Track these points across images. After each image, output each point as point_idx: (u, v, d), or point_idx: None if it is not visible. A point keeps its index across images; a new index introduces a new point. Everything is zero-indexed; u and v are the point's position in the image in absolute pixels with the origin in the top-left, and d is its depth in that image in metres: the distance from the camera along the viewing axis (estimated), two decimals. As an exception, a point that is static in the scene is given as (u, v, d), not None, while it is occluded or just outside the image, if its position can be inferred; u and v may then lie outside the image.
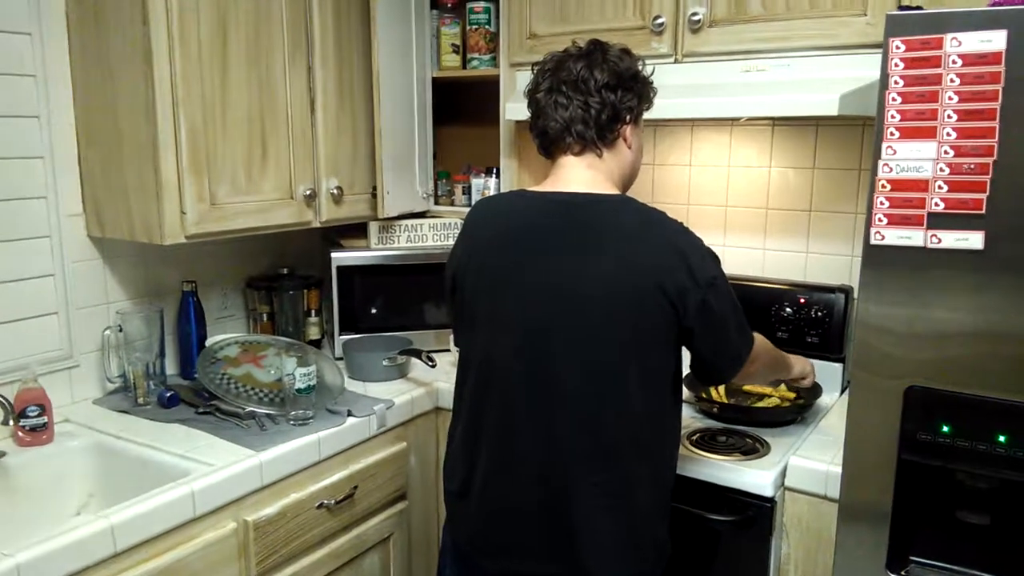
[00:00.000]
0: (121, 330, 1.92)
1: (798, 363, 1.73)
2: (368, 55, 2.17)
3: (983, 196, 1.25)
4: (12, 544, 1.27)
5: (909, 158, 1.29)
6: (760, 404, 1.94)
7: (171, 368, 2.11)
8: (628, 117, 1.41)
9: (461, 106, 2.54)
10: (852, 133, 2.04)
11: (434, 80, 2.39)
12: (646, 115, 1.47)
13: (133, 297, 2.03)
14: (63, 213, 1.86)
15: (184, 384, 2.03)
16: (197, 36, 1.77)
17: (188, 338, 2.09)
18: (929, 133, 1.27)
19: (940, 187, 1.27)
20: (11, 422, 1.67)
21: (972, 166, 1.25)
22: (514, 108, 2.10)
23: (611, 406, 1.32)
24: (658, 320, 1.30)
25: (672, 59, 1.91)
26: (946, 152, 1.26)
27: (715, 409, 1.90)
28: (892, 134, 1.30)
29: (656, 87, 1.47)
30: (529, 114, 1.45)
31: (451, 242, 2.37)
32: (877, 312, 1.36)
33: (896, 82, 1.28)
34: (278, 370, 1.93)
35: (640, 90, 1.42)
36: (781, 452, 1.69)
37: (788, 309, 2.07)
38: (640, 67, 1.43)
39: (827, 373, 2.01)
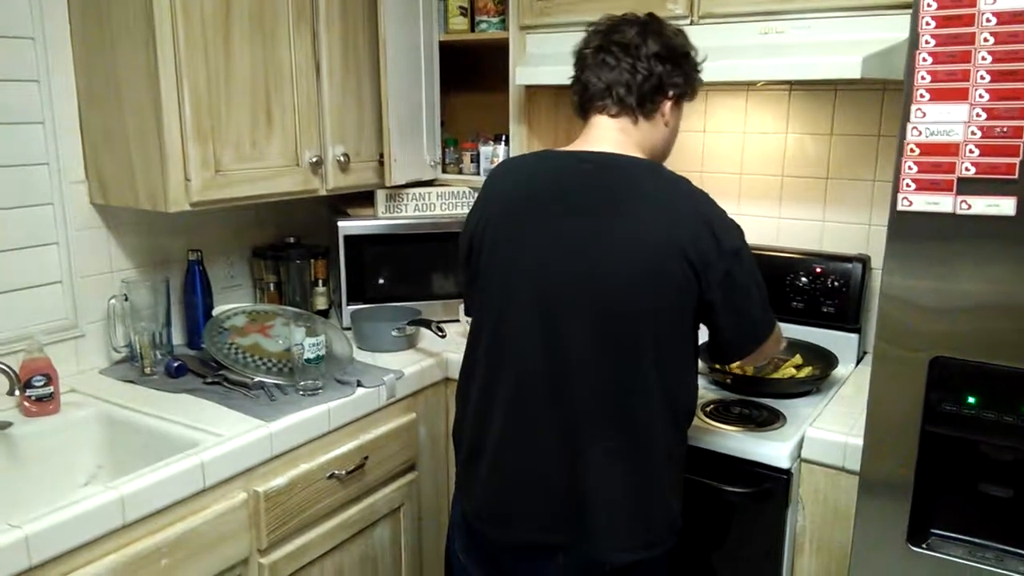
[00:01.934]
0: (127, 299, 1.90)
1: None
2: (374, 18, 2.12)
3: (1016, 160, 1.20)
4: (20, 515, 1.25)
5: (939, 121, 1.24)
6: (775, 375, 1.92)
7: (178, 338, 2.08)
8: (671, 93, 1.38)
9: (469, 71, 2.48)
10: (872, 98, 1.99)
11: (441, 44, 2.33)
12: None
13: (138, 266, 2.00)
14: (65, 180, 1.82)
15: (191, 354, 2.01)
16: (200, 1, 1.71)
17: (194, 308, 2.07)
18: (961, 95, 1.22)
19: (971, 151, 1.23)
20: (17, 392, 1.65)
21: (1005, 129, 1.20)
22: (524, 72, 2.05)
23: (628, 372, 1.29)
24: (679, 288, 1.27)
25: (688, 20, 1.86)
26: (978, 115, 1.22)
27: (728, 380, 1.88)
28: (922, 96, 1.25)
29: (702, 78, 1.45)
30: (573, 71, 1.42)
31: (459, 211, 2.35)
32: (902, 283, 1.32)
33: (927, 42, 1.23)
34: (286, 340, 1.91)
35: (688, 70, 1.40)
36: (798, 423, 1.66)
37: (804, 279, 2.04)
38: (693, 52, 1.41)
39: (843, 344, 1.99)
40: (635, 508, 1.33)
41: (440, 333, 2.04)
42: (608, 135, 1.38)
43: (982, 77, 1.21)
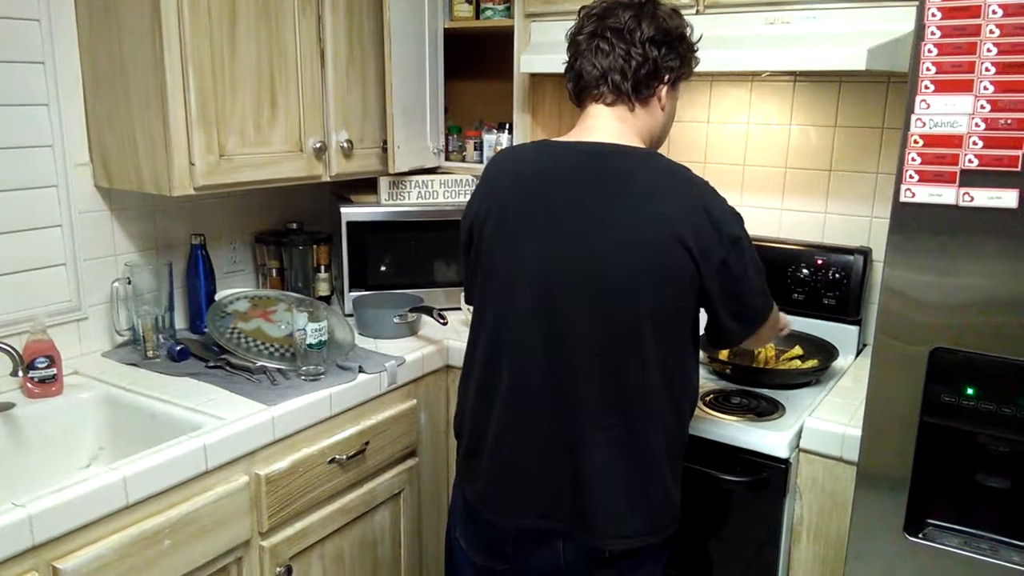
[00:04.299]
0: (130, 283, 1.90)
1: (780, 315, 1.71)
2: (379, 4, 2.11)
3: (1019, 153, 1.20)
4: (24, 495, 1.26)
5: (943, 112, 1.24)
6: (777, 366, 1.92)
7: (180, 322, 2.09)
8: (667, 77, 1.37)
9: (474, 58, 2.48)
10: (876, 90, 1.99)
11: (446, 31, 2.33)
12: None
13: (141, 250, 2.00)
14: (70, 162, 1.83)
15: (193, 338, 2.02)
16: (205, -18, 1.72)
17: (197, 292, 2.08)
18: (965, 86, 1.22)
19: (975, 143, 1.23)
20: (20, 373, 1.66)
21: (1009, 121, 1.20)
22: (529, 60, 2.05)
23: (627, 362, 1.29)
24: (679, 277, 1.27)
25: (694, 10, 1.85)
26: (982, 107, 1.22)
27: (728, 370, 1.88)
28: (926, 87, 1.25)
29: (699, 57, 1.44)
30: (567, 56, 1.41)
31: (462, 199, 2.35)
32: (903, 276, 1.33)
33: (933, 33, 1.23)
34: (289, 325, 1.91)
35: (684, 53, 1.39)
36: (796, 414, 1.67)
37: (805, 270, 2.04)
38: (688, 31, 1.40)
39: (843, 336, 1.99)
40: (635, 496, 1.33)
41: (442, 320, 2.05)
42: (606, 124, 1.37)
43: (987, 69, 1.21)
